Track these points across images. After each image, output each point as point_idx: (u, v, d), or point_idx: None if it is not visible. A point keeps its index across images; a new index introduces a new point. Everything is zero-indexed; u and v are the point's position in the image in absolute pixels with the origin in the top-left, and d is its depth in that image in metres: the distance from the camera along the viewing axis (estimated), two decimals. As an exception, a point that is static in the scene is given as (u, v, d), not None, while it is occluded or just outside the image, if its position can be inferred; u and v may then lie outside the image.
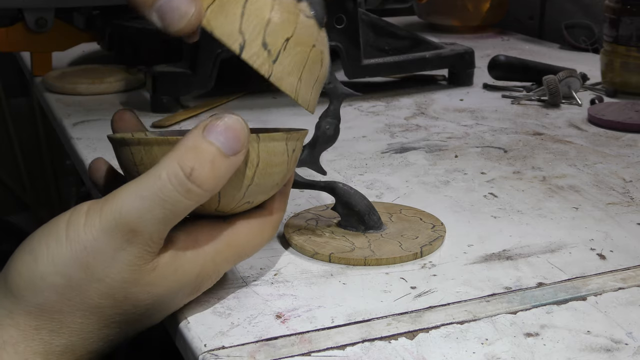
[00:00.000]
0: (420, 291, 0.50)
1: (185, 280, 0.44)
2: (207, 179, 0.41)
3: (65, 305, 0.41)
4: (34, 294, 0.40)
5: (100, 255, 0.40)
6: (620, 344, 0.44)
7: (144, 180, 0.41)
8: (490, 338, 0.45)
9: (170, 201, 0.40)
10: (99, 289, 0.41)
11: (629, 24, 0.95)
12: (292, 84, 0.47)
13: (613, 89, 0.98)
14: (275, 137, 0.46)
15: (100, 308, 0.41)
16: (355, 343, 0.44)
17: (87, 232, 0.40)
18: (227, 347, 0.43)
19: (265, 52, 0.46)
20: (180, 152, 0.41)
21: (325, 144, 0.56)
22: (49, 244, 0.41)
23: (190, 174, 0.40)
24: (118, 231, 0.40)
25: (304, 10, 0.48)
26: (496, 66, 1.03)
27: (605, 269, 0.53)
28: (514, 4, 1.48)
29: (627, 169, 0.72)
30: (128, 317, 0.43)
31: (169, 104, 0.89)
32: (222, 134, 0.42)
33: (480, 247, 0.56)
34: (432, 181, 0.69)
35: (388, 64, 0.97)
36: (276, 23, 0.46)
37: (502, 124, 0.87)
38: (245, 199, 0.46)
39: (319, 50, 0.49)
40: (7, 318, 0.41)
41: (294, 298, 0.49)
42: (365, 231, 0.57)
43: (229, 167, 0.42)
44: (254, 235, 0.47)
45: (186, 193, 0.41)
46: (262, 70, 0.46)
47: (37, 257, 0.41)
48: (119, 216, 0.40)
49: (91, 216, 0.41)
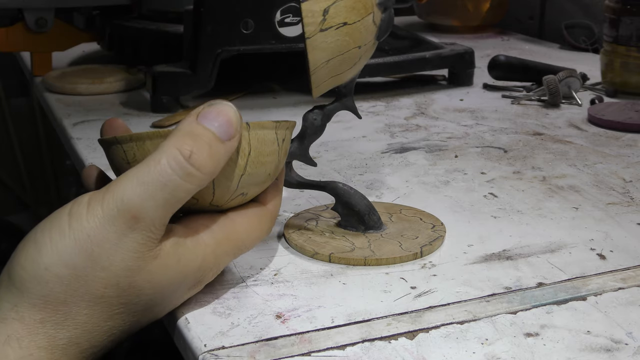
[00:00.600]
0: (420, 291, 0.50)
1: (187, 271, 0.44)
2: (206, 161, 0.42)
3: (70, 296, 0.41)
4: (38, 285, 0.41)
5: (104, 243, 0.41)
6: (620, 344, 0.44)
7: (143, 167, 0.41)
8: (490, 338, 0.45)
9: (171, 185, 0.41)
10: (104, 278, 0.41)
11: (629, 24, 0.95)
12: (319, 60, 0.49)
13: (613, 89, 0.98)
14: (265, 124, 0.46)
15: (105, 298, 0.42)
16: (355, 343, 0.44)
17: (90, 221, 0.41)
18: (227, 347, 0.43)
19: (320, 17, 0.47)
20: (178, 137, 0.42)
21: (313, 135, 0.57)
22: (52, 235, 0.41)
23: (190, 156, 0.41)
24: (120, 218, 0.41)
25: (375, 16, 0.49)
26: (496, 66, 1.03)
27: (605, 269, 0.53)
28: (514, 4, 1.48)
29: (627, 169, 0.72)
30: (131, 308, 0.43)
31: (169, 104, 0.89)
32: (215, 119, 0.43)
33: (480, 247, 0.56)
34: (432, 181, 0.69)
35: (388, 64, 0.97)
36: (347, 5, 0.48)
37: (502, 124, 0.87)
38: (239, 190, 0.46)
39: (359, 54, 0.50)
40: (12, 312, 0.41)
41: (294, 298, 0.49)
42: (365, 231, 0.57)
43: (224, 151, 0.43)
44: (253, 228, 0.48)
45: (186, 176, 0.41)
46: (307, 28, 0.47)
47: (40, 249, 0.41)
48: (120, 203, 0.41)
49: (93, 206, 0.41)
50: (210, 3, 0.88)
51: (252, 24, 0.89)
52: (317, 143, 0.79)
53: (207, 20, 0.88)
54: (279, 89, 1.01)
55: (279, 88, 1.02)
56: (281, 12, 0.90)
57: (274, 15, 0.89)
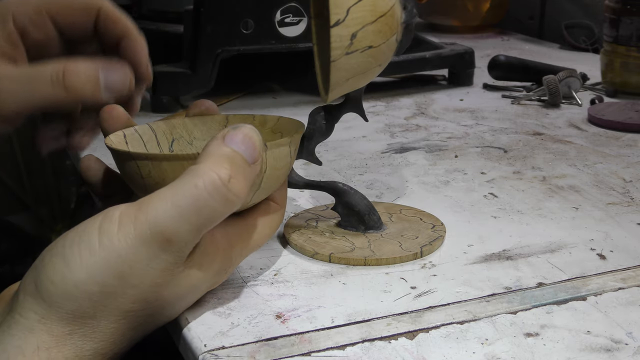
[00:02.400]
0: (420, 291, 0.50)
1: (207, 276, 0.45)
2: (243, 187, 0.42)
3: (99, 311, 0.41)
4: (67, 301, 0.40)
5: (135, 264, 0.40)
6: (620, 344, 0.44)
7: (179, 189, 0.41)
8: (490, 338, 0.45)
9: (207, 210, 0.41)
10: (133, 295, 0.41)
11: (629, 24, 0.95)
12: (340, 79, 0.49)
13: (613, 89, 0.98)
14: (282, 143, 0.47)
15: (133, 312, 0.42)
16: (355, 343, 0.44)
17: (122, 240, 0.40)
18: (227, 347, 0.43)
19: (348, 42, 0.48)
20: (214, 161, 0.41)
21: (320, 137, 0.57)
22: (82, 252, 0.40)
23: (229, 181, 0.41)
24: (154, 240, 0.40)
25: (398, 34, 0.50)
26: (496, 66, 1.03)
27: (605, 269, 0.53)
28: (514, 4, 1.48)
29: (627, 169, 0.72)
30: (155, 318, 0.43)
31: (169, 104, 0.89)
32: (242, 143, 0.42)
33: (480, 247, 0.56)
34: (432, 181, 0.69)
35: (388, 63, 0.96)
36: (374, 29, 0.48)
37: (502, 124, 0.87)
38: (252, 202, 0.47)
39: (379, 71, 0.51)
40: (40, 323, 0.40)
41: (294, 298, 0.49)
42: (365, 231, 0.57)
43: (252, 175, 0.43)
44: (263, 226, 0.49)
45: (224, 201, 0.41)
46: (334, 52, 0.48)
47: (69, 265, 0.40)
48: (154, 225, 0.40)
49: (125, 223, 0.40)
50: (210, 3, 0.88)
51: (252, 24, 0.89)
52: (317, 143, 0.79)
53: (207, 20, 0.88)
54: (279, 89, 1.01)
55: (279, 88, 1.02)
56: (281, 12, 0.90)
57: (274, 15, 0.89)
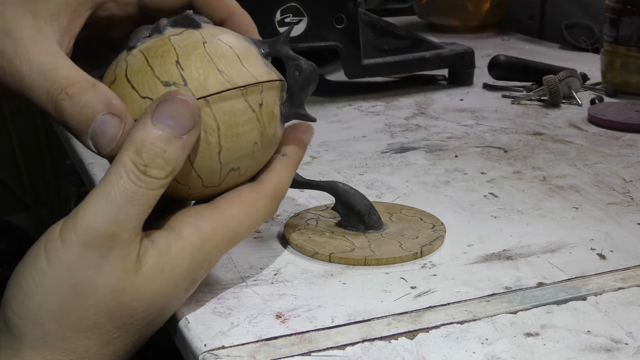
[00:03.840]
0: (420, 291, 0.50)
1: (176, 277, 0.43)
2: (162, 168, 0.41)
3: (67, 330, 0.41)
4: (34, 328, 0.41)
5: (86, 270, 0.40)
6: (620, 344, 0.44)
7: (107, 183, 0.41)
8: (490, 338, 0.45)
9: (138, 196, 0.41)
10: (92, 305, 0.41)
11: (629, 24, 0.95)
12: None
13: (613, 89, 0.98)
14: (228, 95, 0.44)
15: (99, 325, 0.41)
16: (355, 343, 0.44)
17: (67, 253, 0.40)
18: (227, 347, 0.43)
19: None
20: (132, 149, 0.41)
21: (303, 88, 0.49)
22: (34, 275, 0.41)
23: (145, 171, 0.41)
24: (97, 241, 0.40)
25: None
26: (496, 66, 1.03)
27: (605, 269, 0.53)
28: (514, 4, 1.48)
29: (627, 169, 0.72)
30: (128, 330, 0.43)
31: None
32: (170, 119, 0.42)
33: (480, 247, 0.56)
34: (432, 181, 0.69)
35: (388, 64, 0.97)
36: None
37: (502, 124, 0.87)
38: (227, 166, 0.45)
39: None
40: (15, 358, 0.41)
41: (294, 298, 0.49)
42: (365, 231, 0.57)
43: (183, 145, 0.42)
44: (246, 215, 0.46)
45: (148, 185, 0.41)
46: None
47: (26, 291, 0.41)
48: (94, 224, 0.40)
49: (66, 236, 0.41)
50: (210, 3, 0.88)
51: (252, 23, 0.89)
52: (317, 143, 0.79)
53: (207, 20, 0.88)
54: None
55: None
56: (281, 12, 0.89)
57: (274, 15, 0.89)
